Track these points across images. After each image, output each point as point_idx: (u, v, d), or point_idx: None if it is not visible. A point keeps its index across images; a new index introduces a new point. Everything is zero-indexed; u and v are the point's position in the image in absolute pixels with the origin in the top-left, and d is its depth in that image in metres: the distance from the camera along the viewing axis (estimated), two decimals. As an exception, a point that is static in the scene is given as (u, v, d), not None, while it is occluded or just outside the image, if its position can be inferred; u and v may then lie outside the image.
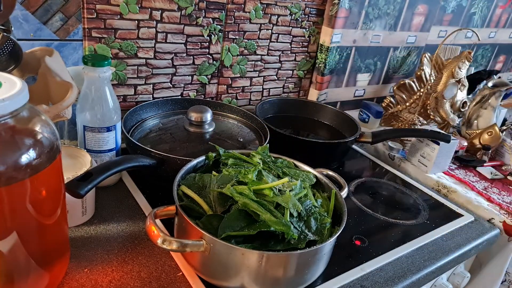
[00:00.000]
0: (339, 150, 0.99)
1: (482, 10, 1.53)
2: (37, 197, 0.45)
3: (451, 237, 0.79)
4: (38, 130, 0.44)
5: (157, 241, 0.52)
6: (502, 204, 0.93)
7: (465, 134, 1.28)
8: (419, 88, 1.23)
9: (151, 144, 0.82)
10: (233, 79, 1.09)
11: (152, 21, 0.89)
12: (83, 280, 0.56)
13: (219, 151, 0.71)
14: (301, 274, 0.57)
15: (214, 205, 0.58)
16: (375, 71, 1.36)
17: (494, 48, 1.74)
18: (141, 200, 0.74)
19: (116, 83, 0.91)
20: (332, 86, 1.27)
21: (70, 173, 0.63)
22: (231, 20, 1.00)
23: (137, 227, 0.68)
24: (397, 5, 1.25)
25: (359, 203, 0.86)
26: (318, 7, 1.13)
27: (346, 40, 1.19)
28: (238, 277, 0.54)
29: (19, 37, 0.76)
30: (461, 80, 1.19)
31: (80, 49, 0.84)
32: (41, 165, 0.43)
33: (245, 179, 0.60)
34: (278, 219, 0.54)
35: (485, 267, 0.94)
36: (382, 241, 0.74)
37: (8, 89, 0.41)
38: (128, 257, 0.61)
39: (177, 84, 1.00)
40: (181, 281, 0.58)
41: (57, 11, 0.78)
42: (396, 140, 1.16)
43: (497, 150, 1.18)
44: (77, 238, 0.63)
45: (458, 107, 1.22)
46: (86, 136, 0.72)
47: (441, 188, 0.99)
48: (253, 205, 0.55)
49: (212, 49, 1.01)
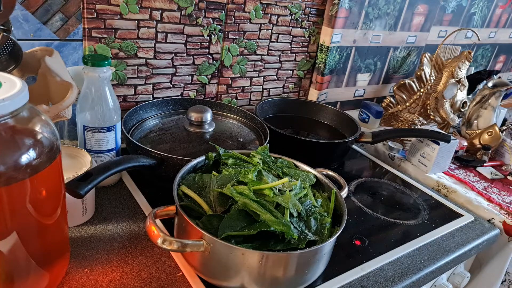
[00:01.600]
0: (339, 150, 0.99)
1: (482, 10, 1.53)
2: (37, 197, 0.45)
3: (451, 237, 0.79)
4: (38, 130, 0.44)
5: (157, 241, 0.52)
6: (502, 204, 0.93)
7: (465, 134, 1.28)
8: (419, 88, 1.23)
9: (151, 144, 0.82)
10: (233, 79, 1.09)
11: (152, 21, 0.89)
12: (83, 280, 0.56)
13: (219, 151, 0.71)
14: (301, 274, 0.57)
15: (214, 205, 0.59)
16: (375, 71, 1.36)
17: (494, 48, 1.74)
18: (141, 200, 0.74)
19: (116, 83, 0.91)
20: (332, 86, 1.27)
21: (70, 173, 0.63)
22: (231, 20, 1.00)
23: (137, 227, 0.68)
24: (397, 5, 1.25)
25: (359, 203, 0.86)
26: (318, 7, 1.13)
27: (346, 40, 1.19)
28: (238, 277, 0.54)
29: (19, 37, 0.76)
30: (461, 80, 1.19)
31: (80, 49, 0.84)
32: (41, 165, 0.43)
33: (245, 179, 0.60)
34: (278, 219, 0.54)
35: (485, 267, 0.94)
36: (382, 241, 0.74)
37: (8, 89, 0.41)
38: (128, 257, 0.61)
39: (177, 84, 1.00)
40: (181, 281, 0.58)
41: (57, 11, 0.78)
42: (396, 140, 1.16)
43: (497, 150, 1.18)
44: (77, 238, 0.63)
45: (458, 107, 1.22)
46: (86, 136, 0.72)
47: (441, 188, 0.99)
48: (253, 205, 0.55)
49: (212, 49, 1.01)
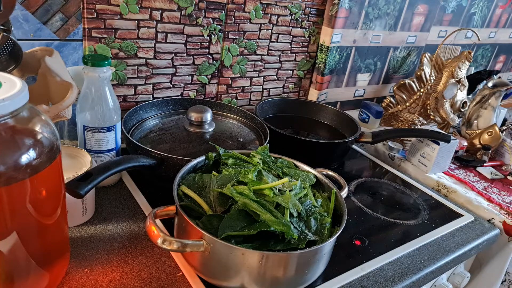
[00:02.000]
0: (339, 150, 0.99)
1: (482, 10, 1.53)
2: (37, 197, 0.45)
3: (451, 237, 0.79)
4: (38, 130, 0.44)
5: (157, 241, 0.52)
6: (502, 204, 0.93)
7: (465, 134, 1.28)
8: (419, 88, 1.23)
9: (151, 144, 0.82)
10: (233, 79, 1.09)
11: (152, 21, 0.89)
12: (83, 280, 0.56)
13: (219, 151, 0.71)
14: (301, 274, 0.57)
15: (214, 205, 0.59)
16: (375, 71, 1.36)
17: (494, 48, 1.74)
18: (141, 200, 0.74)
19: (116, 83, 0.91)
20: (332, 86, 1.27)
21: (70, 173, 0.63)
22: (231, 20, 1.00)
23: (137, 227, 0.68)
24: (397, 5, 1.25)
25: (359, 203, 0.86)
26: (318, 7, 1.13)
27: (346, 40, 1.19)
28: (238, 277, 0.54)
29: (19, 37, 0.76)
30: (461, 80, 1.19)
31: (80, 49, 0.84)
32: (41, 165, 0.43)
33: (245, 179, 0.60)
34: (278, 219, 0.54)
35: (485, 267, 0.94)
36: (382, 241, 0.74)
37: (8, 89, 0.41)
38: (128, 257, 0.61)
39: (177, 84, 1.00)
40: (181, 281, 0.58)
41: (57, 11, 0.78)
42: (396, 140, 1.16)
43: (497, 150, 1.18)
44: (77, 238, 0.63)
45: (458, 107, 1.22)
46: (86, 136, 0.72)
47: (441, 188, 0.99)
48: (253, 205, 0.55)
49: (212, 49, 1.01)
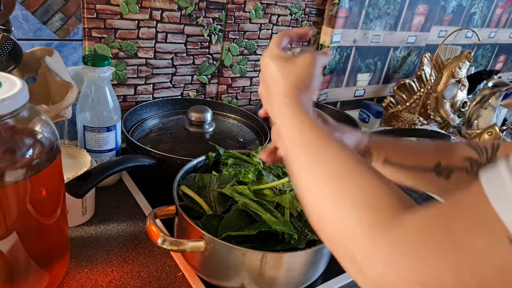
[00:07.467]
0: (339, 150, 0.99)
1: (482, 10, 1.53)
2: (37, 197, 0.45)
3: (451, 237, 0.79)
4: (38, 130, 0.44)
5: (157, 241, 0.52)
6: (502, 204, 0.93)
7: (465, 134, 1.28)
8: (419, 88, 1.23)
9: (151, 144, 0.82)
10: (233, 79, 1.09)
11: (152, 21, 0.89)
12: (83, 280, 0.56)
13: (219, 151, 0.71)
14: (301, 274, 0.57)
15: (214, 205, 0.59)
16: (375, 71, 1.36)
17: (494, 48, 1.74)
18: (141, 200, 0.74)
19: (116, 83, 0.91)
20: (332, 86, 1.27)
21: (70, 173, 0.63)
22: (231, 20, 1.00)
23: (137, 227, 0.68)
24: (397, 5, 1.25)
25: (359, 203, 0.86)
26: (318, 7, 1.13)
27: (346, 40, 1.19)
28: (238, 277, 0.54)
29: (19, 37, 0.76)
30: (461, 80, 1.19)
31: (80, 49, 0.84)
32: (41, 165, 0.43)
33: (245, 179, 0.60)
34: (278, 219, 0.54)
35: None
36: (382, 241, 0.74)
37: (8, 89, 0.41)
38: (128, 257, 0.61)
39: (177, 84, 1.00)
40: (181, 281, 0.58)
41: (57, 11, 0.78)
42: (396, 140, 1.15)
43: (497, 150, 1.17)
44: (77, 238, 0.63)
45: (458, 107, 1.22)
46: (86, 136, 0.72)
47: (441, 188, 0.98)
48: (253, 205, 0.55)
49: (212, 49, 1.01)
